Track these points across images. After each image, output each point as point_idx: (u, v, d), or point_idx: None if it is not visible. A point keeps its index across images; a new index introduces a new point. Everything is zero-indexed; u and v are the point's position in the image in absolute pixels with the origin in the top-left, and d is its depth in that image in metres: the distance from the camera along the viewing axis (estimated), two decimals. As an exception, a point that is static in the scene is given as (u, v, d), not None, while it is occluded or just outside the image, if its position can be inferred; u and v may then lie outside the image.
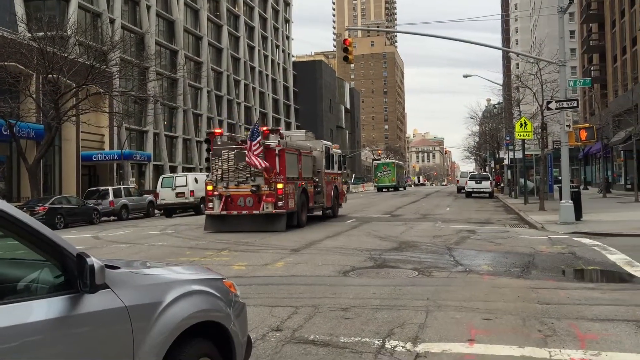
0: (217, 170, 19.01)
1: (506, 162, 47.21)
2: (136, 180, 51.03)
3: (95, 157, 40.86)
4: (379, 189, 68.94)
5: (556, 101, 19.94)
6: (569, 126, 18.81)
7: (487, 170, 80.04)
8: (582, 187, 50.38)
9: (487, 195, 45.16)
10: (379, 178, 69.92)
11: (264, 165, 18.06)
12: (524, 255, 12.19)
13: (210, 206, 18.92)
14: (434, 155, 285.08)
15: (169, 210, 31.53)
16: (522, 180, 35.85)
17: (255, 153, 18.06)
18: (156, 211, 33.35)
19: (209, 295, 3.97)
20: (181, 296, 3.72)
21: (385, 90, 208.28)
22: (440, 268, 10.75)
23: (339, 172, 25.92)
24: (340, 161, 26.17)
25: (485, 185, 44.88)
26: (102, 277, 3.14)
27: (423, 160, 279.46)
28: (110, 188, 31.30)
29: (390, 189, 68.45)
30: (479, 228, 18.89)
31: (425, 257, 12.14)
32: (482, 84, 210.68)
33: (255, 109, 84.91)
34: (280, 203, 18.52)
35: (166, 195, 31.18)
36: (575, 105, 19.49)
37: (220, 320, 3.97)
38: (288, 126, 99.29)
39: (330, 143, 25.41)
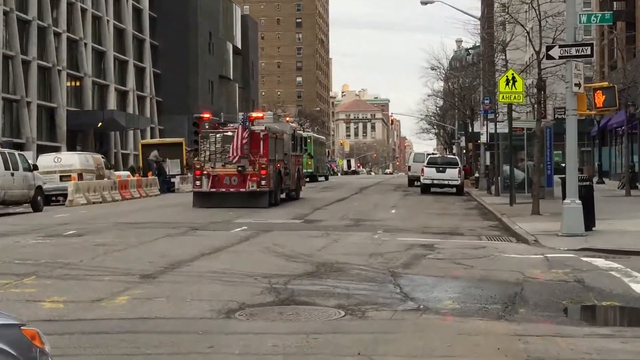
0: (204, 152, 31.52)
1: (484, 139, 48.52)
2: None
3: None
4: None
5: (560, 46, 20.64)
6: (578, 85, 19.38)
7: (454, 151, 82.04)
8: (596, 179, 52.64)
9: (453, 190, 46.30)
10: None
11: (240, 154, 30.93)
12: (508, 285, 12.54)
13: (198, 184, 31.62)
14: (373, 127, 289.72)
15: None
16: (507, 168, 37.01)
17: (244, 141, 31.03)
18: None
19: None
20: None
21: (298, 20, 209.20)
22: (379, 305, 10.88)
23: (301, 154, 39.70)
24: (301, 143, 40.45)
25: (452, 174, 46.01)
26: None
27: (356, 134, 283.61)
28: None
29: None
30: (441, 242, 19.31)
31: (357, 288, 12.26)
32: (450, 16, 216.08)
33: (85, 43, 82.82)
34: (263, 182, 31.15)
35: None
36: (589, 52, 20.25)
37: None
38: (141, 72, 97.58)
39: (295, 125, 40.00)
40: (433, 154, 63.31)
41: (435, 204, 36.16)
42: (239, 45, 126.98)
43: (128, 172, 57.62)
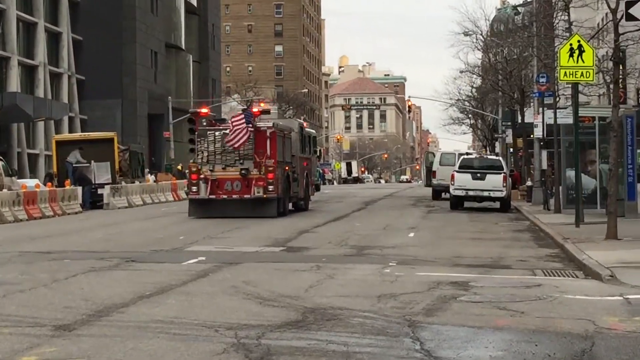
0: (202, 153, 38.46)
1: (538, 133, 48.53)
2: None
3: None
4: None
5: (646, 2, 20.65)
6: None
7: (497, 151, 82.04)
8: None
9: (496, 204, 46.33)
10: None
11: (242, 142, 37.19)
12: (574, 339, 12.50)
13: (195, 190, 38.43)
14: (383, 116, 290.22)
15: None
16: (571, 174, 36.98)
17: (245, 137, 37.41)
18: None
19: None
20: None
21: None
22: (392, 368, 10.85)
23: (310, 156, 47.79)
24: (310, 143, 48.47)
25: (495, 182, 46.03)
26: None
27: (360, 127, 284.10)
28: None
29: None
30: (479, 278, 19.33)
31: (360, 344, 12.21)
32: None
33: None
34: (270, 188, 37.46)
35: None
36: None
37: None
38: (55, 39, 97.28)
39: (303, 122, 48.38)
40: (467, 154, 63.36)
41: (471, 225, 36.16)
42: (194, 2, 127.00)
43: (37, 181, 57.53)
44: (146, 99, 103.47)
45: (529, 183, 54.02)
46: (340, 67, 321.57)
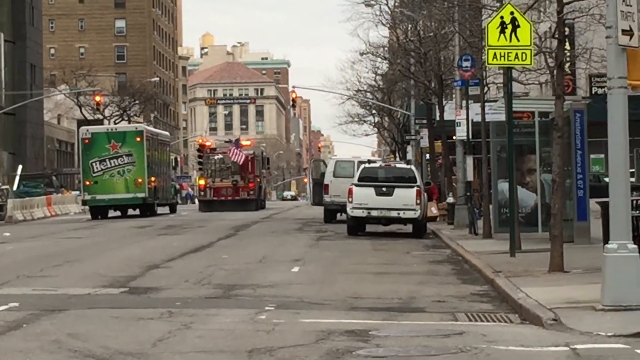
0: (207, 170, 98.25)
1: (461, 133, 48.90)
2: None
3: None
4: (96, 211, 73.04)
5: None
6: (629, 33, 19.50)
7: (409, 157, 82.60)
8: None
9: (408, 227, 46.56)
10: (95, 179, 69.88)
11: (242, 160, 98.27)
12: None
13: (203, 194, 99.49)
14: (260, 112, 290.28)
15: None
16: (504, 187, 37.30)
17: (244, 158, 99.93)
18: None
19: None
20: None
21: None
22: None
23: (264, 171, 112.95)
24: (264, 162, 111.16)
25: (405, 199, 46.18)
26: None
27: (229, 127, 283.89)
28: None
29: (128, 208, 74.74)
30: (383, 325, 19.32)
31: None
32: None
33: None
34: (251, 192, 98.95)
35: None
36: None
37: None
38: None
39: (263, 148, 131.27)
40: (370, 161, 63.36)
41: (375, 255, 36.31)
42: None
43: None
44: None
45: (450, 199, 54.17)
46: (202, 49, 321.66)
